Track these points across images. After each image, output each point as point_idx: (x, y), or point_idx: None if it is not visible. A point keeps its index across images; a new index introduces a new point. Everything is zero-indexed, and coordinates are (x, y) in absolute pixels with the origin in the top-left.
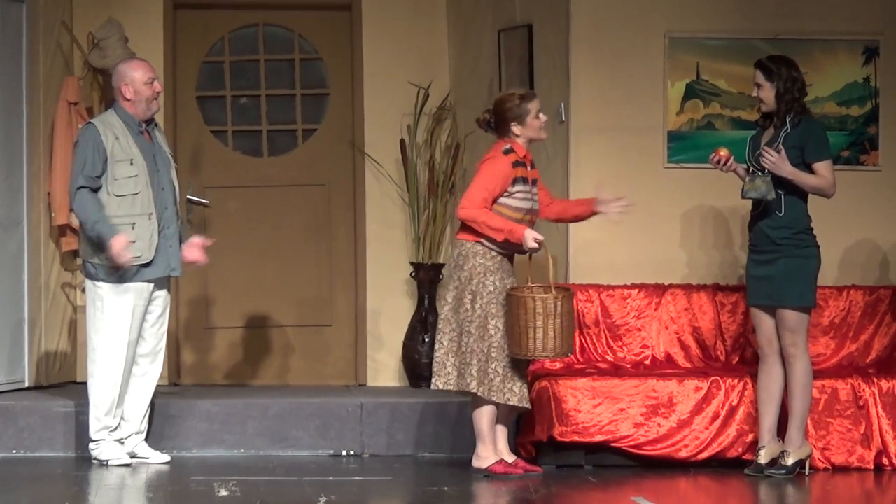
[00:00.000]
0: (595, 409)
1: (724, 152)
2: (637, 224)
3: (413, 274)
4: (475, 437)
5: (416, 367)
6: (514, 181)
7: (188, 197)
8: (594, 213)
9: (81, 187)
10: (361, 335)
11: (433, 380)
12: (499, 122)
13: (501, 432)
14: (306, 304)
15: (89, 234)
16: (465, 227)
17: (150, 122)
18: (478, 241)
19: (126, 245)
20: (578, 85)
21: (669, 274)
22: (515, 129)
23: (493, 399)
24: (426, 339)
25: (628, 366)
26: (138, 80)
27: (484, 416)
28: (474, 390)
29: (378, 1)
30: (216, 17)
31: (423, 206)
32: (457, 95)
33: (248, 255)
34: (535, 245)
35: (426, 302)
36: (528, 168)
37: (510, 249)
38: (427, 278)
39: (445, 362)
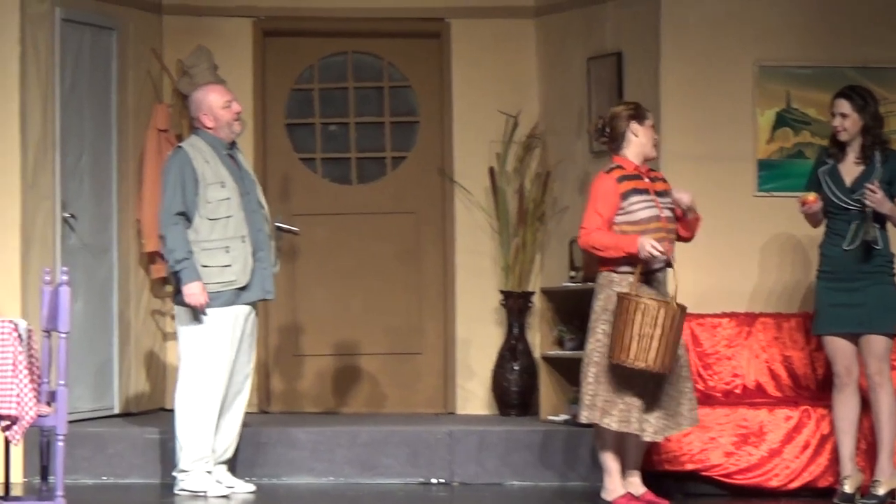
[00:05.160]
0: (685, 438)
1: (812, 198)
2: (727, 253)
3: (502, 302)
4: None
5: (506, 395)
6: (626, 195)
7: (277, 224)
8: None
9: (176, 215)
10: (451, 363)
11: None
12: (612, 132)
13: (633, 462)
14: (396, 332)
15: (170, 268)
16: (600, 259)
17: (232, 145)
18: (611, 270)
19: (201, 292)
20: (668, 113)
21: (760, 303)
22: (627, 142)
23: (599, 423)
24: (515, 368)
25: (719, 394)
26: (215, 104)
27: (599, 446)
28: (583, 419)
29: (467, 29)
30: (305, 44)
31: (512, 234)
32: (546, 123)
33: (338, 283)
34: (653, 251)
35: (515, 330)
36: (647, 180)
37: (639, 266)
38: (516, 307)
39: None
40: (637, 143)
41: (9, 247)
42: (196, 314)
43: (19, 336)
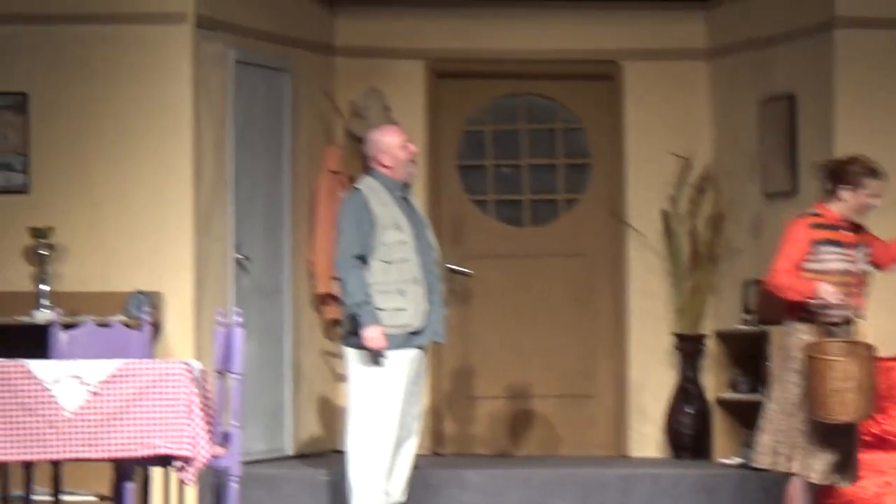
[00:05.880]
0: (860, 482)
1: None
2: None
3: (675, 345)
4: None
5: (679, 437)
6: (819, 243)
7: (450, 266)
8: None
9: (354, 257)
10: (624, 406)
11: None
12: (832, 175)
13: None
14: (568, 374)
15: (348, 311)
16: (787, 304)
17: (405, 186)
18: (799, 318)
19: (380, 336)
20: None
21: None
22: (843, 192)
23: (802, 474)
24: (688, 410)
25: (893, 438)
26: (392, 145)
27: (791, 496)
28: (782, 468)
29: (640, 71)
30: (477, 86)
31: (684, 276)
32: (718, 166)
33: (510, 325)
34: (829, 297)
35: (688, 373)
36: (845, 231)
37: (824, 314)
38: (689, 349)
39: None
40: (845, 202)
41: (182, 288)
42: (369, 357)
43: (193, 377)
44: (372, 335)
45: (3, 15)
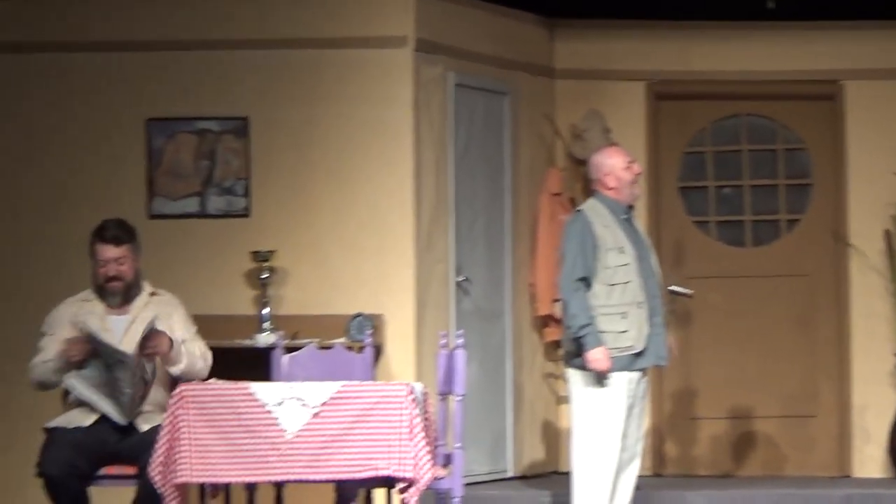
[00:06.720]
0: None
1: None
2: None
3: None
4: None
5: None
6: None
7: (671, 288)
8: None
9: (577, 280)
10: (847, 426)
11: None
12: None
13: None
14: (790, 395)
15: (572, 335)
16: None
17: (629, 209)
18: None
19: (605, 357)
20: None
21: None
22: None
23: None
24: None
25: None
26: (617, 166)
27: None
28: None
29: (862, 90)
30: (698, 107)
31: None
32: None
33: (731, 346)
34: None
35: None
36: None
37: None
38: None
39: None
40: None
41: (403, 310)
42: (592, 378)
43: (415, 399)
44: (596, 357)
45: (225, 40)
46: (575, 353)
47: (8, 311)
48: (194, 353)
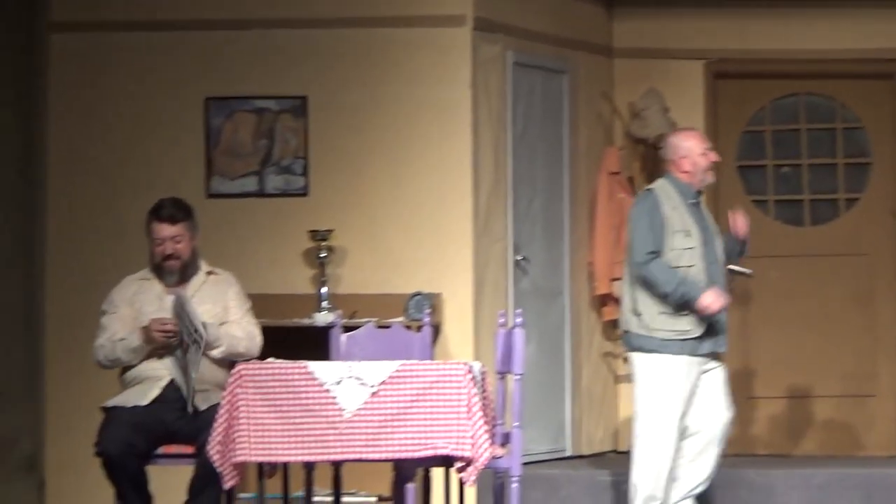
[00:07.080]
0: None
1: None
2: None
3: None
4: None
5: None
6: None
7: (730, 267)
8: None
9: (651, 252)
10: None
11: None
12: None
13: None
14: (848, 374)
15: (672, 299)
16: None
17: (698, 193)
18: None
19: (716, 298)
20: None
21: None
22: None
23: None
24: None
25: None
26: (694, 150)
27: None
28: None
29: None
30: (756, 86)
31: None
32: None
33: (790, 325)
34: None
35: None
36: None
37: None
38: None
39: None
40: None
41: (462, 290)
42: (654, 362)
43: (473, 378)
44: (707, 301)
45: (284, 19)
46: (637, 333)
47: (70, 291)
48: (235, 334)
